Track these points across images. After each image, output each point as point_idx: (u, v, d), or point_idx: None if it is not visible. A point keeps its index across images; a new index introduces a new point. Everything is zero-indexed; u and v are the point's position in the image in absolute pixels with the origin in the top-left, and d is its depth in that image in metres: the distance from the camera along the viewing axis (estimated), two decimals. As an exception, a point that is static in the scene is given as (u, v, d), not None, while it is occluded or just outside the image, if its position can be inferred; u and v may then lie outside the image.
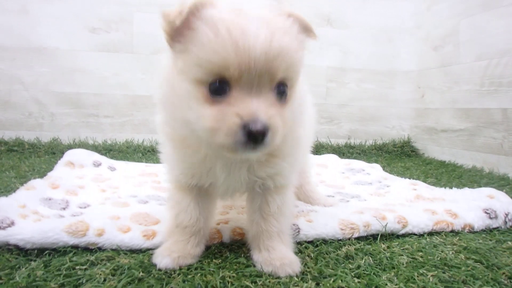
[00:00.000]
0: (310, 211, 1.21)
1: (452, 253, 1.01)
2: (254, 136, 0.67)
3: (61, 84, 2.65)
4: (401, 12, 3.23)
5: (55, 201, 1.13)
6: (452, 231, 1.19)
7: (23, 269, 0.80)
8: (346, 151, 3.04)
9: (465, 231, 1.19)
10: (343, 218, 1.11)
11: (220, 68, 0.68)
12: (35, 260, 0.84)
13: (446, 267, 0.92)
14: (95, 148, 2.42)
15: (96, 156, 1.73)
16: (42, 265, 0.82)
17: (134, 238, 0.91)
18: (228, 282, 0.77)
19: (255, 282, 0.79)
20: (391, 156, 3.03)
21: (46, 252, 0.87)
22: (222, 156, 0.83)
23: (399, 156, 3.06)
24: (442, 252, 1.01)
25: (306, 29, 0.81)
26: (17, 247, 0.87)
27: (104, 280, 0.76)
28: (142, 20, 2.75)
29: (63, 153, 1.85)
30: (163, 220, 1.02)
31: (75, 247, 0.89)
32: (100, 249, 0.90)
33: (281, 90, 0.74)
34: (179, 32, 0.73)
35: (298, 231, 1.04)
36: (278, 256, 0.87)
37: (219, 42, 0.67)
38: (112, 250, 0.90)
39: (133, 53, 2.74)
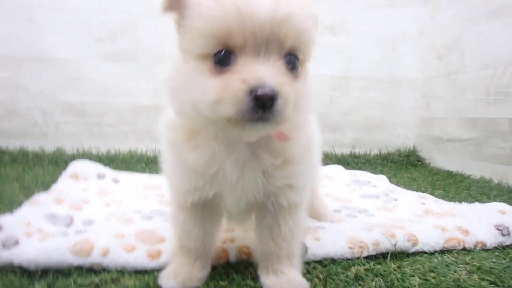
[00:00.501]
0: (318, 228, 1.18)
1: (465, 273, 0.99)
2: (262, 101, 0.62)
3: (66, 93, 2.65)
4: (404, 20, 3.20)
5: (60, 217, 1.11)
6: (463, 249, 1.16)
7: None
8: (351, 161, 3.01)
9: (477, 248, 1.16)
10: (352, 236, 1.09)
11: (222, 36, 0.65)
12: (39, 281, 0.82)
13: (459, 289, 0.89)
14: (99, 158, 2.41)
15: (100, 168, 1.72)
16: (46, 286, 0.80)
17: (139, 258, 0.89)
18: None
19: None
20: (396, 166, 3.00)
21: (50, 272, 0.85)
22: (234, 149, 0.77)
23: (405, 166, 3.02)
24: (454, 272, 0.98)
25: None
26: (21, 267, 0.85)
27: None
28: (146, 28, 2.75)
29: (66, 163, 1.84)
30: (168, 238, 1.00)
31: (79, 267, 0.87)
32: (104, 270, 0.88)
33: (291, 61, 0.69)
34: (181, 13, 0.72)
35: (306, 250, 1.02)
36: (286, 279, 0.84)
37: (219, 9, 0.64)
38: (117, 271, 0.88)
39: (138, 62, 2.74)
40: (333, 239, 1.06)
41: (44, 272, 0.85)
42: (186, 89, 0.70)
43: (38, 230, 0.96)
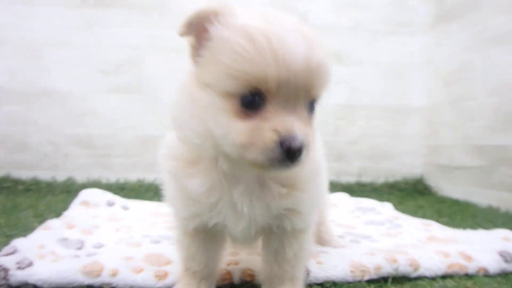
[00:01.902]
0: (321, 252, 1.20)
1: (466, 298, 1.00)
2: (292, 154, 0.64)
3: (73, 126, 2.76)
4: (410, 48, 3.25)
5: (71, 241, 1.15)
6: (466, 275, 1.17)
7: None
8: (357, 189, 3.02)
9: (480, 274, 1.18)
10: (354, 260, 1.11)
11: (257, 79, 0.64)
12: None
13: (460, 313, 0.91)
14: (109, 187, 2.46)
15: (109, 196, 1.77)
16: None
17: (147, 278, 0.93)
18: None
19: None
20: (403, 194, 2.99)
21: (61, 292, 0.89)
22: (240, 179, 0.78)
23: (412, 194, 3.01)
24: (455, 297, 1.00)
25: None
26: (35, 287, 0.89)
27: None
28: (149, 63, 2.84)
29: (78, 192, 1.89)
30: (174, 261, 1.03)
31: (90, 286, 0.91)
32: (114, 290, 0.92)
33: (312, 105, 0.70)
34: (202, 44, 0.71)
35: (308, 273, 1.04)
36: None
37: (256, 51, 0.62)
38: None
39: (142, 94, 2.84)
40: (335, 263, 1.09)
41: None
42: (202, 121, 0.70)
43: (51, 253, 1.01)
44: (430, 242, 1.43)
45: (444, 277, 1.15)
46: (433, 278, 1.14)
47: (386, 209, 2.03)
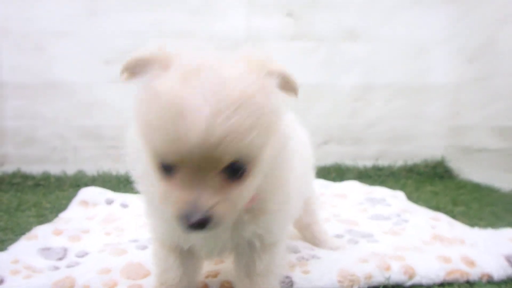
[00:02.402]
0: (311, 257, 1.15)
1: (461, 310, 0.93)
2: (194, 226, 0.61)
3: (80, 118, 2.74)
4: (432, 22, 3.03)
5: (54, 250, 1.15)
6: (467, 282, 1.09)
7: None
8: (374, 174, 2.92)
9: (483, 281, 1.09)
10: (343, 269, 1.05)
11: (157, 152, 0.62)
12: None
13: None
14: (118, 179, 2.48)
15: (109, 194, 1.77)
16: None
17: (118, 295, 0.90)
18: None
19: None
20: (421, 178, 2.87)
21: (34, 309, 0.89)
22: None
23: (431, 178, 2.89)
24: (450, 309, 0.93)
25: (288, 88, 0.70)
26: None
27: None
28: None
29: (87, 186, 1.91)
30: (153, 273, 1.01)
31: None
32: (86, 306, 0.91)
33: (235, 168, 0.63)
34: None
35: (292, 284, 0.99)
36: None
37: (154, 123, 0.59)
38: (97, 308, 0.90)
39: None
40: (321, 273, 1.03)
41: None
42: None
43: (25, 268, 1.00)
44: (434, 242, 1.35)
45: (442, 285, 1.08)
46: (430, 287, 1.07)
47: (397, 200, 1.94)
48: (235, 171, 0.63)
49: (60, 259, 1.12)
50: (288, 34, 2.95)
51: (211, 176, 0.62)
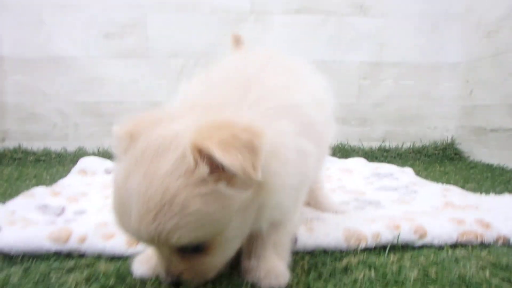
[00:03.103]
0: (315, 219, 1.11)
1: (475, 268, 0.88)
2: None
3: (81, 94, 2.71)
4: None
5: (51, 207, 1.13)
6: (481, 244, 1.04)
7: (3, 273, 0.79)
8: (380, 155, 2.85)
9: (498, 244, 1.04)
10: (349, 227, 1.01)
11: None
12: (16, 265, 0.84)
13: (463, 284, 0.79)
14: (119, 156, 2.46)
15: (109, 164, 1.75)
16: (22, 270, 0.81)
17: (116, 245, 0.88)
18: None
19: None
20: (430, 160, 2.80)
21: (30, 258, 0.87)
22: None
23: (440, 160, 2.82)
24: (463, 267, 0.88)
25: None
26: (2, 253, 0.87)
27: (76, 286, 0.73)
28: (156, 22, 2.72)
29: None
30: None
31: (57, 253, 0.88)
32: (83, 256, 0.88)
33: (192, 248, 0.66)
34: None
35: (296, 240, 0.95)
36: (265, 266, 0.78)
37: (113, 207, 0.68)
38: (94, 257, 0.87)
39: (149, 58, 2.73)
40: (327, 231, 0.99)
41: (27, 257, 0.87)
42: None
43: (22, 219, 0.99)
44: (446, 208, 1.30)
45: (454, 246, 1.03)
46: (441, 248, 1.02)
47: (405, 174, 1.89)
48: (189, 249, 0.66)
49: (58, 215, 1.09)
50: (293, 7, 2.84)
51: (171, 251, 0.67)
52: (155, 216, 0.58)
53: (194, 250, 0.66)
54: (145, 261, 0.80)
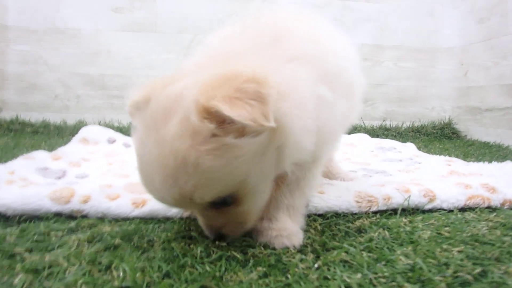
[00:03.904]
0: (325, 184, 1.09)
1: (486, 229, 0.87)
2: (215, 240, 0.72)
3: (86, 66, 2.64)
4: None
5: (52, 170, 1.08)
6: (488, 207, 1.03)
7: (-1, 233, 0.75)
8: (381, 133, 2.86)
9: (505, 207, 1.03)
10: (360, 190, 0.99)
11: None
12: (12, 226, 0.79)
13: (477, 243, 0.78)
14: (120, 130, 2.39)
15: (111, 133, 1.69)
16: (19, 230, 0.76)
17: (121, 205, 0.84)
18: (213, 252, 0.68)
19: (245, 253, 0.69)
20: (429, 139, 2.82)
21: (28, 218, 0.82)
22: None
23: (438, 138, 2.84)
24: (474, 227, 0.87)
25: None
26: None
27: (78, 246, 0.69)
28: None
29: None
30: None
31: (59, 214, 0.84)
32: (85, 217, 0.84)
33: (221, 201, 0.65)
34: None
35: (307, 203, 0.93)
36: (278, 226, 0.76)
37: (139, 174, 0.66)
38: (98, 218, 0.83)
39: (157, 32, 2.68)
40: (339, 194, 0.97)
41: (25, 218, 0.82)
42: None
43: (21, 179, 0.94)
44: (451, 176, 1.28)
45: (463, 210, 1.02)
46: (450, 211, 1.01)
47: (407, 148, 1.88)
48: (223, 203, 0.65)
49: (59, 178, 1.05)
50: None
51: (205, 209, 0.67)
52: (174, 181, 0.58)
53: (224, 203, 0.65)
54: None
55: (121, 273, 0.58)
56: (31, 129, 2.28)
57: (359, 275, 0.62)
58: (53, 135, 2.18)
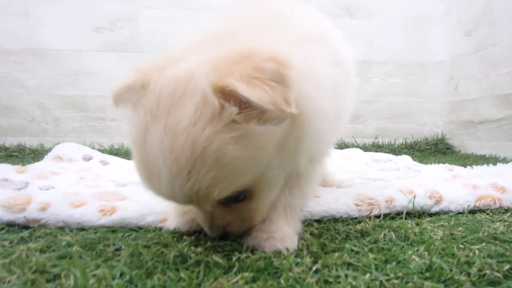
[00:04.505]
0: (320, 189, 0.98)
1: (504, 227, 0.77)
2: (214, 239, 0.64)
3: (65, 87, 2.54)
4: (429, -2, 2.97)
5: (12, 182, 0.96)
6: (500, 208, 0.94)
7: None
8: (374, 150, 2.77)
9: (517, 208, 0.94)
10: (360, 193, 0.88)
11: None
12: None
13: (497, 241, 0.68)
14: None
15: (87, 150, 1.57)
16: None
17: (86, 213, 0.72)
18: (189, 257, 0.56)
19: (229, 258, 0.58)
20: (424, 154, 2.74)
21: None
22: None
23: (433, 154, 2.76)
24: (489, 227, 0.76)
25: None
26: None
27: (26, 256, 0.57)
28: (148, 17, 2.62)
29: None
30: (133, 198, 0.83)
31: (11, 224, 0.71)
32: (44, 227, 0.72)
33: (233, 197, 0.57)
34: None
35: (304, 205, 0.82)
36: (270, 229, 0.65)
37: (138, 173, 0.57)
38: (58, 228, 0.71)
39: (140, 52, 2.60)
40: (336, 197, 0.86)
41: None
42: None
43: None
44: (455, 180, 1.19)
45: (473, 211, 0.92)
46: (459, 213, 0.91)
47: (404, 159, 1.79)
48: (233, 199, 0.57)
49: (19, 189, 0.93)
50: None
51: (213, 205, 0.58)
52: (188, 175, 0.50)
53: (236, 199, 0.58)
54: (181, 214, 0.71)
55: (71, 282, 0.46)
56: (5, 153, 2.14)
57: (367, 276, 0.51)
58: (28, 158, 2.05)
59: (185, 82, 0.52)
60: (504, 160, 2.17)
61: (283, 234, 0.65)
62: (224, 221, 0.61)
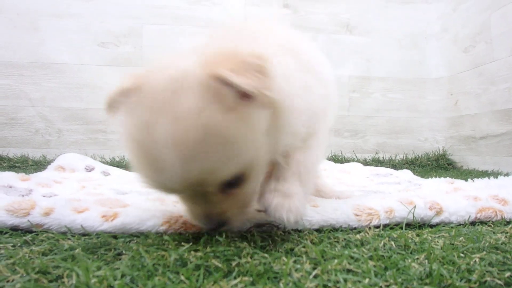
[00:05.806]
0: (318, 199, 0.99)
1: (505, 237, 0.77)
2: (212, 229, 0.68)
3: (68, 100, 2.58)
4: (426, 16, 3.06)
5: (16, 189, 0.97)
6: (502, 220, 0.93)
7: None
8: (374, 165, 2.77)
9: (519, 220, 0.94)
10: (359, 204, 0.89)
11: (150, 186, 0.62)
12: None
13: (498, 251, 0.68)
14: (103, 165, 2.30)
15: (90, 161, 1.58)
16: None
17: (88, 218, 0.72)
18: (189, 261, 0.57)
19: (229, 263, 0.58)
20: (425, 170, 2.74)
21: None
22: None
23: (435, 169, 2.76)
24: (491, 238, 0.77)
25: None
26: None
27: (29, 258, 0.58)
28: (151, 32, 2.69)
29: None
30: (134, 204, 0.83)
31: (15, 229, 0.72)
32: (46, 232, 0.72)
33: (230, 182, 0.62)
34: None
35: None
36: (282, 188, 0.70)
37: (135, 166, 0.61)
38: (61, 233, 0.72)
39: (143, 67, 2.64)
40: (334, 207, 0.87)
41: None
42: None
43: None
44: (456, 192, 1.19)
45: (474, 223, 0.92)
46: (460, 225, 0.91)
47: (404, 174, 1.79)
48: (232, 183, 0.62)
49: (23, 196, 0.94)
50: (285, 24, 2.87)
51: (210, 193, 0.62)
52: (196, 157, 0.55)
53: (233, 185, 0.63)
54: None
55: (74, 281, 0.47)
56: (8, 163, 2.15)
57: (366, 281, 0.51)
58: (31, 169, 2.05)
59: (181, 76, 0.57)
60: (506, 175, 2.16)
61: (291, 200, 0.69)
62: (221, 208, 0.65)
